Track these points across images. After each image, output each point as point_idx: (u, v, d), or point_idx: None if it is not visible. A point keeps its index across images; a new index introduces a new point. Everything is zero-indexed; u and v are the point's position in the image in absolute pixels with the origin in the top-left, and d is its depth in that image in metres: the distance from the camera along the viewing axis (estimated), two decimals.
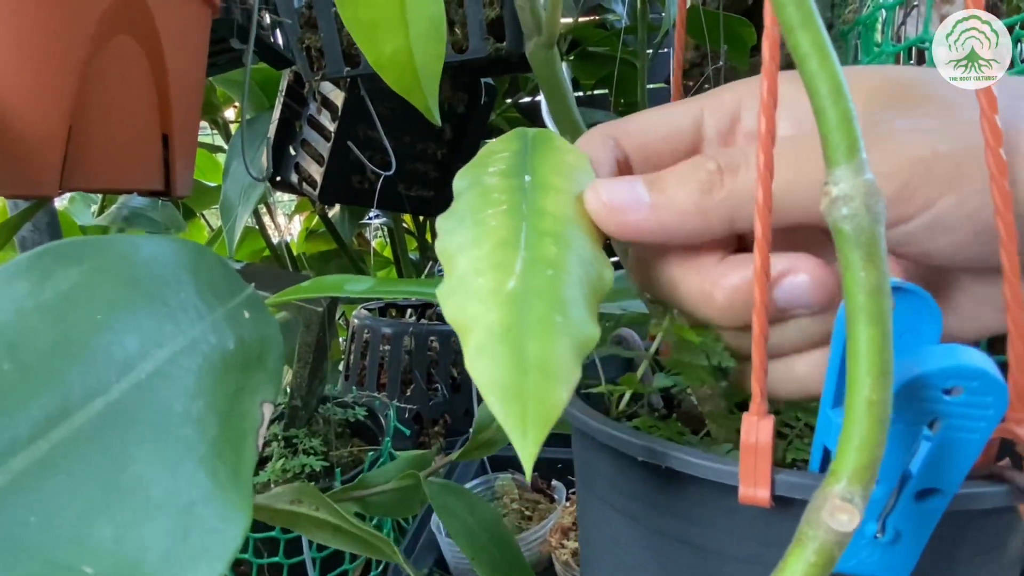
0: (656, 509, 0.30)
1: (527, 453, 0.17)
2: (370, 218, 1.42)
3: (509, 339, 0.19)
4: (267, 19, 0.79)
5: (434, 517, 0.68)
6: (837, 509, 0.19)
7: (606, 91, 1.54)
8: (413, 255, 1.46)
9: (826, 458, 0.28)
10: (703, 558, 0.29)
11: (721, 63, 1.39)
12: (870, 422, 0.19)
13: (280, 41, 0.84)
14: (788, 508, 0.25)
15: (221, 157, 1.45)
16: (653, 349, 0.35)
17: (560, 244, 0.22)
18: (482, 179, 0.25)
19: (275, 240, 1.52)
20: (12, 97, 0.45)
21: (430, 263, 1.30)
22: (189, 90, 0.58)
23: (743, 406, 0.37)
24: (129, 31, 0.51)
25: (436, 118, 0.44)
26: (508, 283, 0.20)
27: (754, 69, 1.36)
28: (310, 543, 0.58)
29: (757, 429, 0.25)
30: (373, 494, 0.50)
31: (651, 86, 1.45)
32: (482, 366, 0.18)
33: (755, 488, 0.25)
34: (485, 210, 0.23)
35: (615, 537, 0.33)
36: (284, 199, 1.85)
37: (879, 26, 0.48)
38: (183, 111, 0.57)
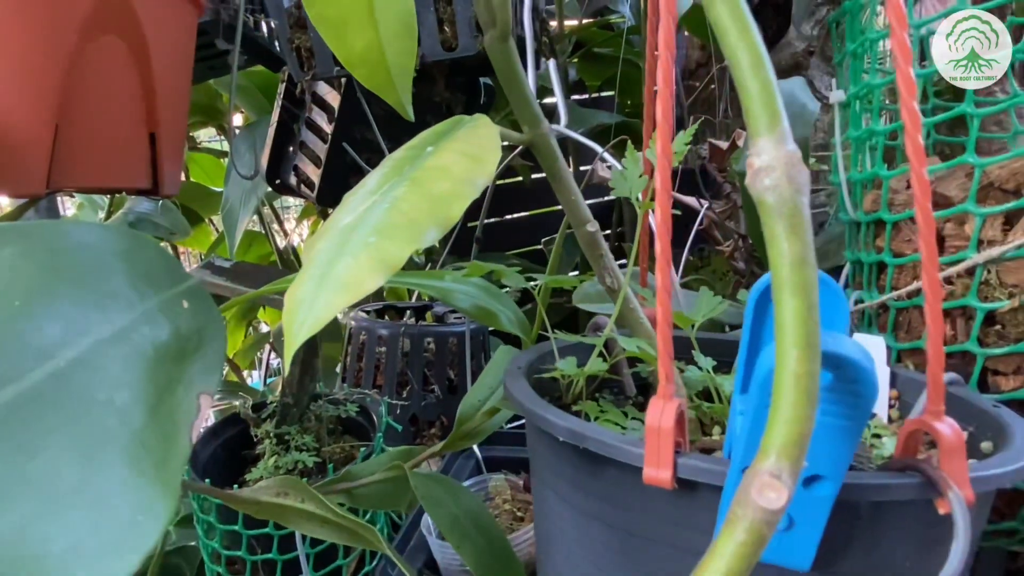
0: (581, 490, 0.30)
1: (289, 347, 0.21)
2: None
3: (322, 262, 0.22)
4: (258, 20, 0.79)
5: (425, 518, 0.68)
6: (765, 486, 0.18)
7: (612, 93, 1.53)
8: (417, 259, 1.45)
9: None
10: (622, 539, 0.29)
11: (727, 63, 1.38)
12: (797, 395, 0.18)
13: (277, 43, 0.84)
14: (694, 492, 0.26)
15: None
16: (603, 339, 0.35)
17: (414, 184, 0.25)
18: (393, 156, 0.28)
19: (281, 245, 1.52)
20: None
21: (428, 266, 1.30)
22: (176, 89, 0.58)
23: (706, 397, 0.36)
24: (114, 30, 0.51)
25: (409, 114, 0.43)
26: (347, 219, 0.24)
27: None
28: (304, 539, 0.58)
29: (662, 412, 0.25)
30: (359, 486, 0.50)
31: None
32: (294, 286, 0.22)
33: (658, 469, 0.25)
34: (377, 176, 0.26)
35: (551, 517, 0.33)
36: (291, 204, 1.86)
37: (863, 13, 0.47)
38: (170, 110, 0.57)
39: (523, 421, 1.00)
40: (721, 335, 0.43)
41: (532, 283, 0.42)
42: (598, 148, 0.65)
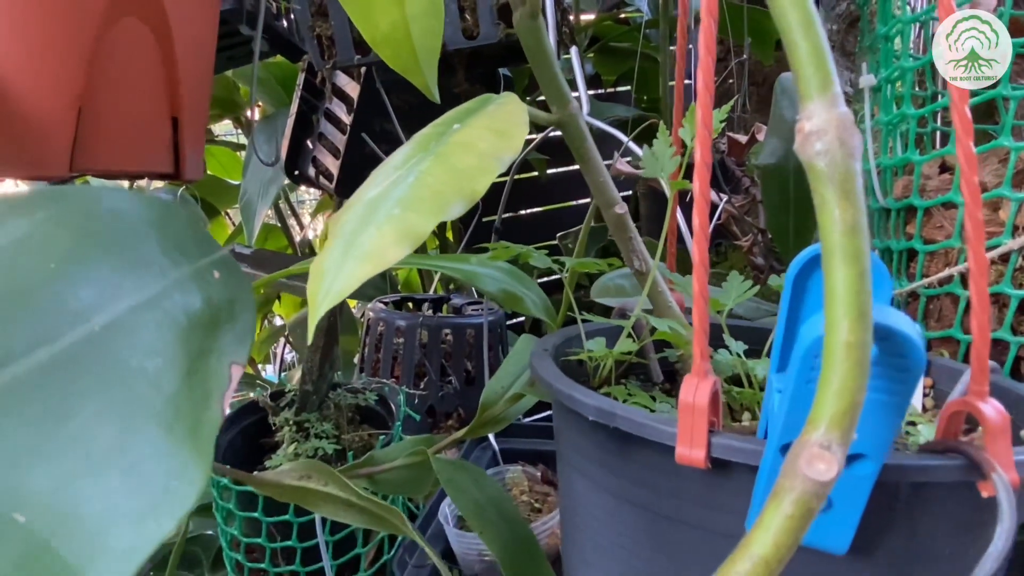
0: (610, 471, 0.30)
1: (313, 316, 0.21)
2: None
3: (347, 234, 0.22)
4: (280, 9, 0.79)
5: (442, 507, 0.67)
6: (815, 457, 0.18)
7: (628, 88, 1.52)
8: (433, 252, 1.45)
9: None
10: (651, 521, 0.29)
11: (745, 57, 1.37)
12: (848, 365, 0.18)
13: (295, 32, 0.84)
14: (728, 472, 0.25)
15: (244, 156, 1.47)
16: (632, 320, 0.34)
17: (439, 159, 0.25)
18: (420, 133, 0.28)
19: (297, 238, 1.53)
20: (21, 78, 0.46)
21: None
22: (198, 73, 0.58)
23: (736, 383, 0.36)
24: (137, 12, 0.51)
25: (435, 96, 0.43)
26: (373, 192, 0.24)
27: (780, 64, 1.34)
28: (323, 525, 0.58)
29: (696, 389, 0.24)
30: (382, 471, 0.50)
31: (673, 82, 1.43)
32: (319, 258, 0.22)
33: (691, 449, 0.24)
34: (403, 151, 0.26)
35: (578, 499, 0.33)
36: (306, 199, 1.86)
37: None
38: (192, 94, 0.57)
39: (542, 414, 1.00)
40: (749, 322, 0.43)
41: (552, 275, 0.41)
42: (622, 137, 0.65)
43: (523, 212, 1.60)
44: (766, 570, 0.19)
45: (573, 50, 0.66)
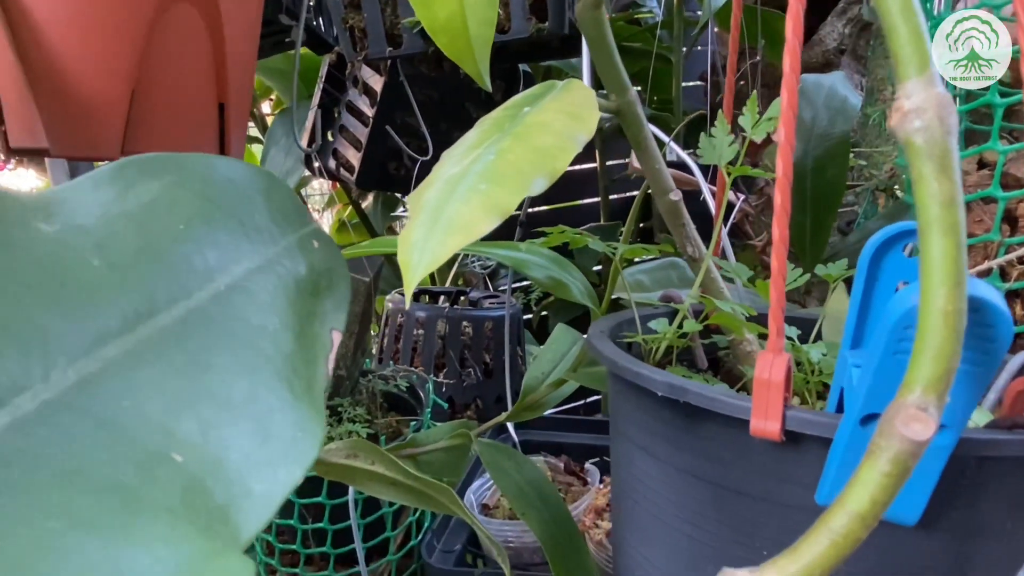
0: (676, 446, 0.31)
1: (409, 281, 0.22)
2: (403, 211, 1.43)
3: (432, 208, 0.23)
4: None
5: (467, 495, 0.68)
6: (912, 418, 0.19)
7: (639, 88, 1.53)
8: None
9: (843, 399, 0.29)
10: (717, 494, 0.30)
11: (759, 58, 1.38)
12: (945, 332, 0.19)
13: (322, 24, 0.85)
14: (798, 445, 0.26)
15: (257, 149, 1.48)
16: (687, 304, 0.36)
17: (517, 138, 0.26)
18: (492, 115, 0.29)
19: None
20: (78, 61, 0.47)
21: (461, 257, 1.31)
22: (244, 60, 0.59)
23: None
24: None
25: (487, 84, 0.44)
26: (452, 170, 0.25)
27: None
28: (356, 506, 0.59)
29: (771, 365, 0.25)
30: (424, 452, 0.51)
31: (686, 84, 1.44)
32: (406, 231, 0.23)
33: (766, 421, 0.25)
34: (476, 133, 0.27)
35: (639, 476, 0.33)
36: (316, 195, 1.87)
37: None
38: (238, 81, 0.58)
39: (559, 408, 1.01)
40: (795, 311, 0.44)
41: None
42: (664, 137, 0.66)
43: (531, 210, 1.61)
44: (861, 525, 0.20)
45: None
